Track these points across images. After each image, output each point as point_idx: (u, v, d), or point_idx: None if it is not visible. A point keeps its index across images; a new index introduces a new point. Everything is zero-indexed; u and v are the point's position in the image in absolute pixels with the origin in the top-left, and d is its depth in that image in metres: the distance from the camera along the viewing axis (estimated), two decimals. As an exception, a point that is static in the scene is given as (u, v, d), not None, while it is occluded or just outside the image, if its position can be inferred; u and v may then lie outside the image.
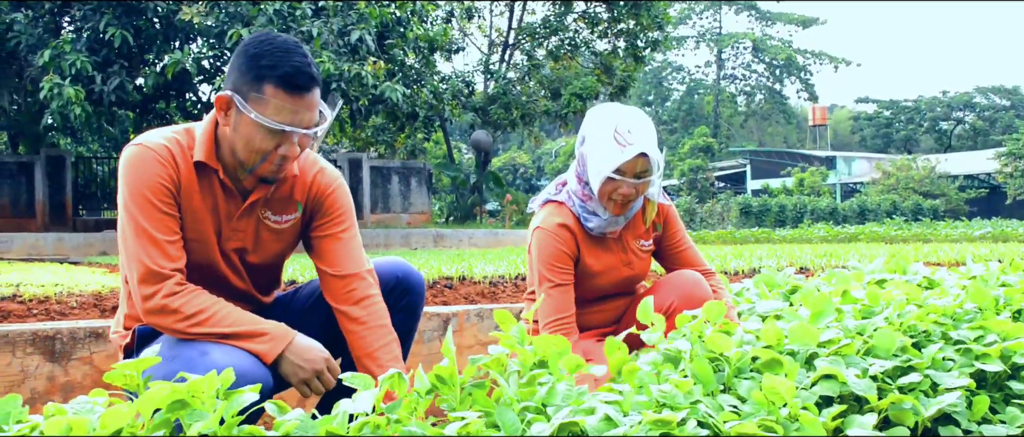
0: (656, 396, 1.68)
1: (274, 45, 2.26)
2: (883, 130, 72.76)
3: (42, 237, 16.36)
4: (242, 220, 2.47)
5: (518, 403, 1.69)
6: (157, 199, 2.28)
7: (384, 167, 23.38)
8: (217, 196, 2.41)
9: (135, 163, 2.30)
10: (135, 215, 2.26)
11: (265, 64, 2.22)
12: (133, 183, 2.28)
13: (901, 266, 2.91)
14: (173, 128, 2.42)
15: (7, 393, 2.81)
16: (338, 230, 2.57)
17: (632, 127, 2.87)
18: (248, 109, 2.23)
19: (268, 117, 2.23)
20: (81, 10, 15.19)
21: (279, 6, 14.75)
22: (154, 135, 2.36)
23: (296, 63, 2.23)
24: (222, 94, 2.28)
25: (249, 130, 2.27)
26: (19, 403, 1.62)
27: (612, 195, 2.92)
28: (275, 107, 2.23)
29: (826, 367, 1.72)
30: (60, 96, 14.06)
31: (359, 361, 2.47)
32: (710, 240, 22.44)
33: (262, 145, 2.28)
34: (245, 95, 2.24)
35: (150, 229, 2.26)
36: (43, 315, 4.33)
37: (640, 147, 2.83)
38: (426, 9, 18.76)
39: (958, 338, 1.96)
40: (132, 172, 2.29)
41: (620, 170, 2.85)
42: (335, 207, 2.58)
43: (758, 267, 7.36)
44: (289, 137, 2.28)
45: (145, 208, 2.26)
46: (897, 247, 12.48)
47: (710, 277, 3.16)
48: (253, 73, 2.23)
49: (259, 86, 2.23)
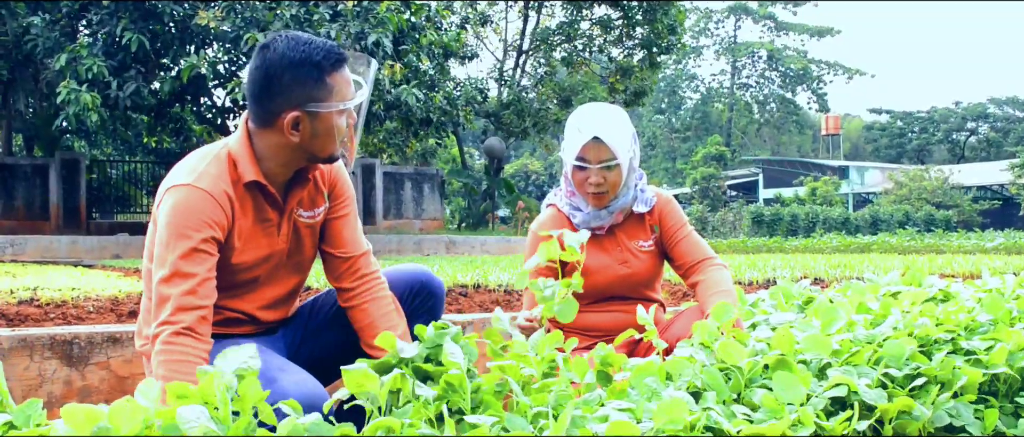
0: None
1: (298, 43, 2.36)
2: (896, 140, 72.57)
3: (56, 239, 16.43)
4: (283, 226, 2.53)
5: (531, 409, 1.70)
6: (201, 243, 2.31)
7: (397, 173, 23.41)
8: (263, 210, 2.48)
9: (186, 205, 2.32)
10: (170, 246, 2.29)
11: (315, 62, 2.34)
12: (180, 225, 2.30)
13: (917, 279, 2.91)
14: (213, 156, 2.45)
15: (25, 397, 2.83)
16: (345, 211, 2.68)
17: (592, 117, 3.03)
18: (328, 105, 2.36)
19: (346, 99, 2.39)
20: (98, 14, 15.26)
21: (295, 10, 14.81)
22: (199, 171, 2.39)
23: (323, 45, 2.37)
24: (292, 115, 2.35)
25: (331, 122, 2.38)
26: (39, 407, 1.64)
27: (584, 185, 3.04)
28: (341, 88, 2.38)
29: (838, 377, 1.73)
30: (77, 101, 14.13)
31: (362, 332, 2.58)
32: (722, 249, 22.38)
33: (342, 126, 2.42)
34: (317, 98, 2.35)
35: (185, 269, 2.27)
36: (60, 319, 4.36)
37: (593, 132, 2.96)
38: (442, 15, 18.80)
39: (970, 348, 1.97)
40: (183, 214, 2.31)
41: (582, 157, 3.00)
42: (345, 189, 2.69)
43: (772, 277, 7.34)
44: (350, 109, 2.44)
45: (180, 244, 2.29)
46: (910, 258, 12.43)
47: (711, 265, 3.15)
48: (313, 76, 2.34)
49: (323, 81, 2.35)
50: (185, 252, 2.27)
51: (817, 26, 69.59)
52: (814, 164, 56.17)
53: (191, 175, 2.37)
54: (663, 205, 3.24)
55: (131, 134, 22.96)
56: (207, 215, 2.32)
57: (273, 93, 2.34)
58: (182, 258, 2.27)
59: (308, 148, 2.40)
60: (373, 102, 15.72)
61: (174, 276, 2.26)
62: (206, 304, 2.28)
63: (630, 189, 3.15)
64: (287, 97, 2.33)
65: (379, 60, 15.17)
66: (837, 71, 69.70)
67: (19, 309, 4.57)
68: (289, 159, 2.43)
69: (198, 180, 2.35)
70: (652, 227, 3.22)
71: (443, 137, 23.97)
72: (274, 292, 2.60)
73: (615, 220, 3.18)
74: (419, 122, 17.30)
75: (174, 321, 2.22)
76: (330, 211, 2.65)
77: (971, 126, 71.37)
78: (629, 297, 3.22)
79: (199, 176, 2.36)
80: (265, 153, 2.42)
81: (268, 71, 2.34)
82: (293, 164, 2.46)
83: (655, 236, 3.22)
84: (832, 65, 69.79)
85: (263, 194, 2.45)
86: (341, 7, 15.56)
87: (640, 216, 3.22)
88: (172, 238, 2.29)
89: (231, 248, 2.41)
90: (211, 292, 2.31)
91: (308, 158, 2.45)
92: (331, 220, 2.65)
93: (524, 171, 58.65)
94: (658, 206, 3.22)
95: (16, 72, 16.93)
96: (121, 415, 1.45)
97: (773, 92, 71.93)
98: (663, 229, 3.22)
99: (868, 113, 79.48)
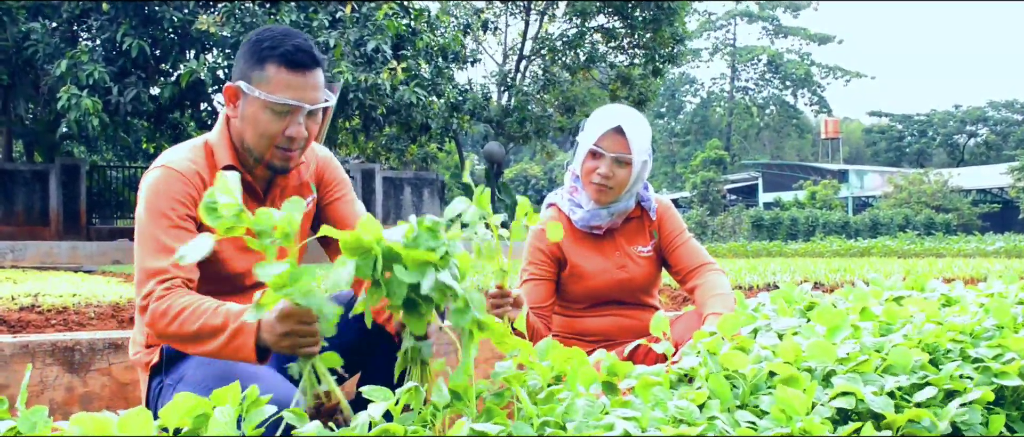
0: (673, 412, 1.69)
1: (274, 31, 2.35)
2: (896, 144, 72.66)
3: (56, 245, 16.44)
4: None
5: (537, 418, 1.70)
6: (176, 217, 2.29)
7: (397, 178, 23.41)
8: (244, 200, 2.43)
9: (158, 185, 2.31)
10: (150, 232, 2.26)
11: (266, 46, 2.30)
12: (153, 204, 2.29)
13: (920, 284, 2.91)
14: (189, 145, 2.45)
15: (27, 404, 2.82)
16: (341, 193, 2.65)
17: (620, 111, 3.08)
18: (253, 90, 2.30)
19: (276, 95, 2.29)
20: (98, 20, 15.28)
21: (295, 16, 14.83)
22: (174, 155, 2.39)
23: (296, 43, 2.32)
24: (229, 85, 2.35)
25: (256, 112, 2.33)
26: (45, 414, 1.64)
27: (592, 174, 3.05)
28: (278, 84, 2.30)
29: (843, 384, 1.72)
30: (78, 107, 14.14)
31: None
32: (722, 253, 22.40)
33: (269, 127, 2.33)
34: (250, 79, 2.31)
35: (164, 241, 2.24)
36: (61, 326, 4.36)
37: (618, 121, 3.01)
38: (441, 20, 18.82)
39: (977, 356, 1.96)
40: (154, 194, 2.30)
41: (599, 144, 3.02)
42: (336, 174, 2.66)
43: (772, 282, 7.34)
44: (294, 117, 2.33)
45: (159, 222, 2.27)
46: (911, 262, 12.43)
47: (708, 270, 3.15)
48: (256, 56, 2.31)
49: (262, 66, 2.30)
50: (164, 228, 2.25)
51: (819, 33, 69.61)
52: (814, 168, 56.18)
53: (163, 159, 2.38)
54: (662, 211, 3.25)
55: (131, 140, 22.97)
56: (180, 192, 2.30)
57: (235, 63, 2.38)
58: (163, 233, 2.25)
59: (239, 132, 2.38)
60: (374, 106, 15.74)
61: (157, 251, 2.22)
62: (192, 277, 2.25)
63: (632, 196, 3.16)
64: (237, 68, 2.36)
65: (378, 66, 15.20)
66: (838, 75, 69.76)
67: (20, 315, 4.57)
68: (241, 145, 2.41)
69: (170, 163, 2.35)
70: (651, 233, 3.23)
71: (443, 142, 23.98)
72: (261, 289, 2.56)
73: (614, 223, 3.19)
74: (418, 128, 17.31)
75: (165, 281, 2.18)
76: (323, 199, 2.64)
77: (970, 129, 71.45)
78: (627, 302, 3.23)
79: (171, 160, 2.36)
80: (237, 138, 2.42)
81: (244, 42, 2.38)
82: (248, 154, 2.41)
83: (654, 242, 3.23)
84: (832, 68, 69.86)
85: (243, 184, 2.42)
86: (340, 13, 15.58)
87: (640, 222, 3.23)
88: (149, 217, 2.27)
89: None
90: (193, 269, 2.27)
91: (248, 150, 2.39)
92: (328, 206, 2.64)
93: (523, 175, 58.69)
94: (658, 212, 3.24)
95: (16, 77, 16.93)
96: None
97: (773, 96, 72.00)
98: (661, 235, 3.23)
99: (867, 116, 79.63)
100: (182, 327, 2.11)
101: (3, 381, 3.10)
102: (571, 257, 3.17)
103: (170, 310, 2.13)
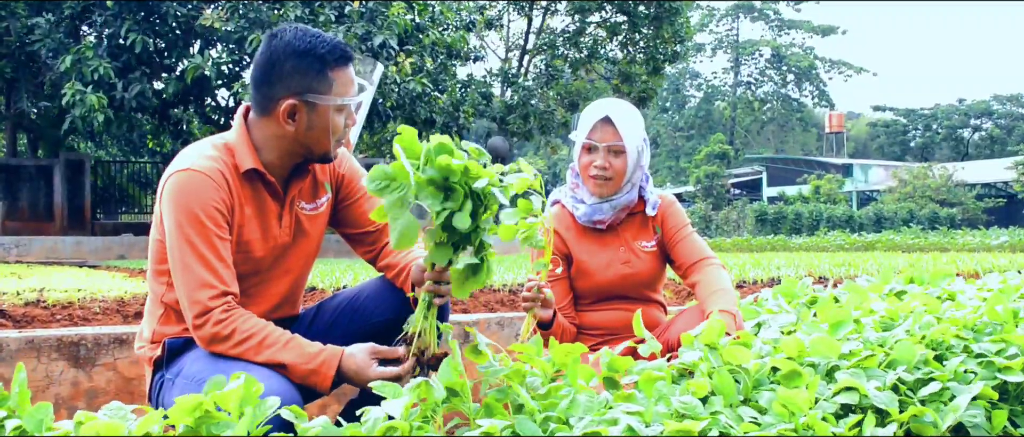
0: (676, 407, 1.69)
1: (305, 35, 2.36)
2: (900, 138, 72.53)
3: (61, 240, 16.46)
4: (284, 217, 2.52)
5: (540, 413, 1.70)
6: (213, 224, 2.31)
7: (401, 173, 23.31)
8: (263, 200, 2.46)
9: (189, 188, 2.31)
10: (191, 239, 2.28)
11: (319, 54, 2.33)
12: (188, 208, 2.30)
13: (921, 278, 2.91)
14: (209, 145, 2.45)
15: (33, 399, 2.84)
16: (363, 191, 2.67)
17: (607, 103, 3.14)
18: (326, 98, 2.34)
19: (346, 96, 2.37)
20: (102, 15, 15.28)
21: (300, 11, 14.81)
22: (197, 158, 2.38)
23: (332, 41, 2.37)
24: (288, 102, 2.34)
25: (327, 118, 2.37)
26: (50, 410, 1.64)
27: (589, 169, 3.10)
28: (343, 84, 2.37)
29: (846, 379, 1.72)
30: (83, 103, 14.14)
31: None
32: (726, 248, 22.38)
33: (339, 125, 2.40)
34: (316, 89, 2.34)
35: (207, 254, 2.27)
36: (66, 321, 4.37)
37: (605, 112, 3.07)
38: (446, 16, 18.79)
39: (979, 351, 1.97)
40: (187, 197, 2.30)
41: (591, 137, 3.08)
42: (355, 172, 2.69)
43: (776, 276, 7.33)
44: (350, 107, 2.42)
45: (202, 233, 2.29)
46: (915, 256, 12.41)
47: (709, 264, 3.14)
48: (313, 67, 2.33)
49: (323, 74, 2.34)
50: (207, 239, 2.28)
51: (822, 25, 69.44)
52: (818, 162, 56.10)
53: (187, 161, 2.37)
54: (666, 206, 3.26)
55: (135, 135, 22.96)
56: (214, 198, 2.32)
57: (274, 80, 2.34)
58: (206, 246, 2.28)
59: (303, 141, 2.39)
60: (379, 100, 15.73)
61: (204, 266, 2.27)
62: (238, 292, 2.32)
63: (633, 187, 3.17)
64: (287, 84, 2.33)
65: (384, 61, 15.18)
66: (841, 68, 69.59)
67: (26, 310, 4.58)
68: (285, 151, 2.42)
69: (197, 166, 2.34)
70: (655, 228, 3.24)
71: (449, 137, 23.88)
72: (278, 289, 2.58)
73: (617, 218, 3.20)
74: (423, 123, 17.30)
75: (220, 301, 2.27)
76: (346, 197, 2.67)
77: (975, 123, 71.31)
78: (631, 297, 3.25)
79: (196, 162, 2.36)
80: (262, 143, 2.42)
81: (272, 57, 2.35)
82: (289, 158, 2.45)
83: (657, 237, 3.24)
84: (837, 63, 69.69)
85: (263, 183, 2.44)
86: (347, 8, 15.56)
87: (644, 217, 3.24)
88: (189, 224, 2.28)
89: (234, 240, 2.39)
90: (236, 280, 2.33)
91: (304, 153, 2.44)
92: (350, 204, 2.68)
93: (528, 170, 58.53)
94: (661, 207, 3.25)
95: (20, 72, 16.93)
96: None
97: (776, 90, 71.85)
98: (664, 229, 3.24)
99: (872, 111, 79.43)
100: (245, 353, 2.24)
101: (9, 375, 3.11)
102: (576, 253, 3.19)
103: (235, 335, 2.25)
